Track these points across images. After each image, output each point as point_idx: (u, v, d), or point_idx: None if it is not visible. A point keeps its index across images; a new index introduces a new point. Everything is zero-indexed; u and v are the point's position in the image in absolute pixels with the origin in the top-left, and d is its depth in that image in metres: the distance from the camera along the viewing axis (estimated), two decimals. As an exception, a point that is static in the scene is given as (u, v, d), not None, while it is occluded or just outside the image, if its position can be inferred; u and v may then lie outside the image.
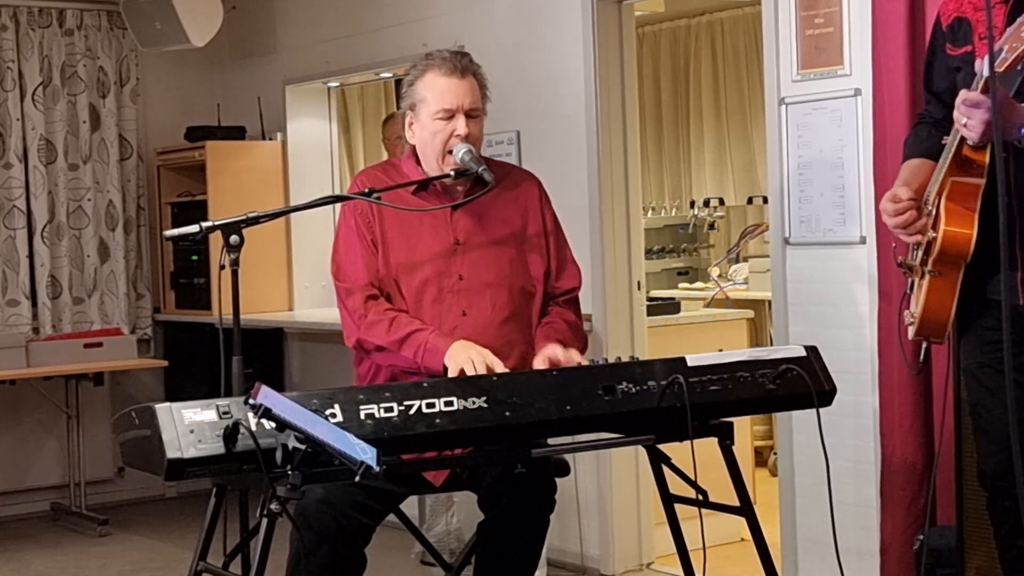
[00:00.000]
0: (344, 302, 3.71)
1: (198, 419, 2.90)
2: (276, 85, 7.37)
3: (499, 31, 5.98)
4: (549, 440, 3.51)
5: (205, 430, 2.89)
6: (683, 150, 9.73)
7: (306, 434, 2.76)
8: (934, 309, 3.24)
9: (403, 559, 5.67)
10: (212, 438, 2.88)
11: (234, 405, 2.95)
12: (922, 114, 3.53)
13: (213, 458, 2.88)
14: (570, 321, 3.79)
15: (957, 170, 3.18)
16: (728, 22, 9.37)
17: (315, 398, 3.04)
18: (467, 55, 3.76)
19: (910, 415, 4.30)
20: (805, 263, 4.80)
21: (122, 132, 7.53)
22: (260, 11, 7.52)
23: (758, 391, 3.45)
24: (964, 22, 3.29)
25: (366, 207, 3.70)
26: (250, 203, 6.63)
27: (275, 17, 7.44)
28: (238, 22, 7.58)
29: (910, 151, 3.48)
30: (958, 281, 3.21)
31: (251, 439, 2.86)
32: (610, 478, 5.56)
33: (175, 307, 7.50)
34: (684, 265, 8.62)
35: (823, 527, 3.64)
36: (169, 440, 2.85)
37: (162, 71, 7.74)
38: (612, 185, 5.60)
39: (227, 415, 2.92)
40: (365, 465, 2.73)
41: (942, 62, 3.38)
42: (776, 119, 4.85)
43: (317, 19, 7.12)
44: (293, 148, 7.36)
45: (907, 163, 3.46)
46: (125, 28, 7.30)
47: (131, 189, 7.58)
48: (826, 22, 4.68)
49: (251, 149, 7.36)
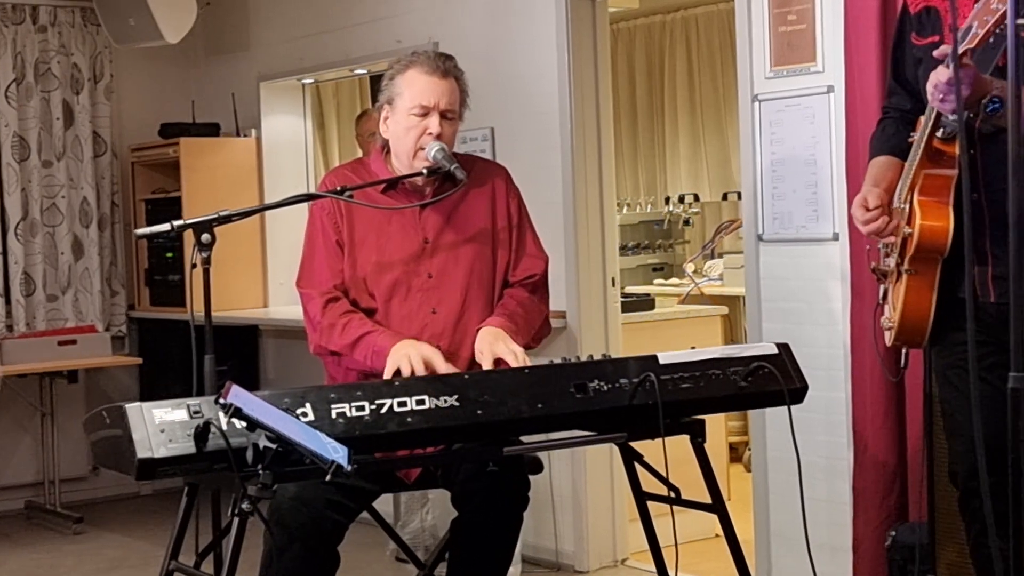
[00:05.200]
0: (305, 309, 3.73)
1: (169, 419, 2.89)
2: (250, 82, 7.36)
3: (473, 28, 5.98)
4: (522, 438, 3.52)
5: (176, 430, 2.88)
6: (658, 146, 9.74)
7: (277, 433, 2.76)
8: (913, 310, 3.22)
9: (379, 556, 5.67)
10: (183, 437, 2.88)
11: (205, 404, 2.94)
12: (887, 109, 3.51)
13: (184, 458, 2.87)
14: (521, 299, 3.78)
15: (928, 162, 3.17)
16: (703, 18, 9.38)
17: (286, 397, 3.04)
18: (452, 59, 3.78)
19: (882, 412, 4.31)
20: (778, 260, 4.81)
21: (96, 129, 7.50)
22: (234, 8, 7.50)
23: (730, 389, 3.45)
24: (932, 11, 3.27)
25: (333, 207, 3.71)
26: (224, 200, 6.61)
27: (249, 14, 7.42)
28: (212, 19, 7.57)
29: (877, 149, 3.47)
30: (936, 279, 3.19)
31: (222, 438, 2.85)
32: (584, 475, 5.57)
33: (150, 304, 7.48)
34: (659, 261, 8.64)
35: (796, 523, 3.66)
36: (140, 440, 2.84)
37: (136, 68, 7.71)
38: (586, 182, 5.61)
39: (198, 414, 2.91)
40: (336, 464, 2.73)
41: (910, 52, 3.36)
42: (749, 116, 4.86)
43: (291, 16, 7.11)
44: (267, 145, 7.35)
45: (874, 161, 3.45)
46: (99, 25, 7.26)
47: (105, 186, 7.55)
48: (799, 19, 4.69)
49: (225, 146, 7.34)
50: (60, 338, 6.91)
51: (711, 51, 9.34)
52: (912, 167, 3.19)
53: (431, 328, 3.68)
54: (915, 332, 3.25)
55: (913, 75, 3.33)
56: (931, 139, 3.13)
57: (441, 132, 3.67)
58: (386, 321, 3.69)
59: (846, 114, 4.45)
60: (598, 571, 5.62)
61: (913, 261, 3.17)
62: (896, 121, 3.42)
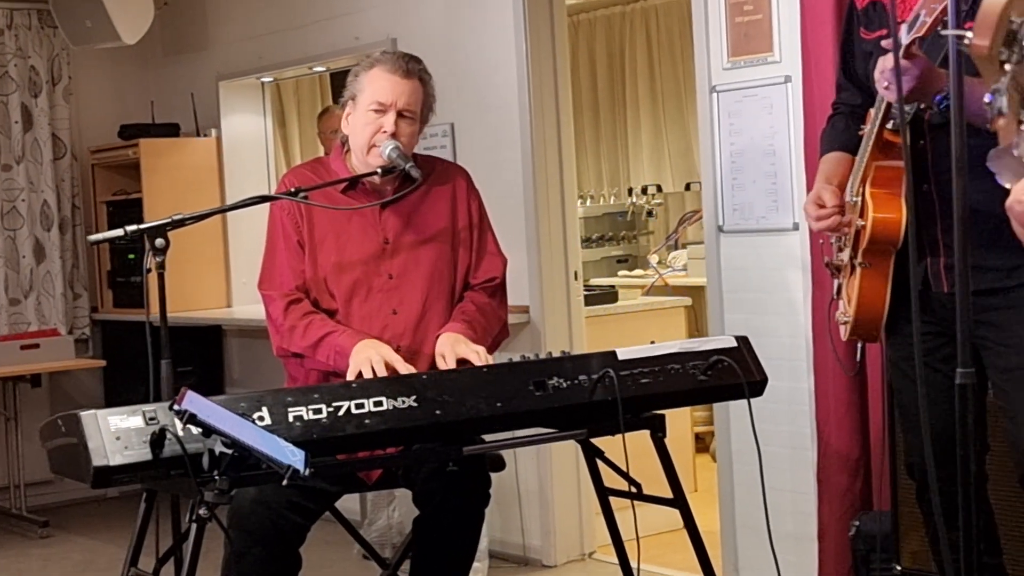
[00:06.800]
0: (267, 311, 3.72)
1: (124, 426, 2.87)
2: (210, 81, 7.32)
3: (431, 23, 5.96)
4: (483, 436, 3.51)
5: (132, 436, 2.86)
6: (620, 137, 9.75)
7: (232, 439, 2.74)
8: (868, 303, 3.21)
9: (346, 553, 5.66)
10: (139, 444, 2.86)
11: (161, 411, 2.92)
12: (837, 104, 3.51)
13: (140, 465, 2.85)
14: (480, 304, 3.78)
15: (880, 154, 3.16)
16: (662, 8, 9.39)
17: (243, 401, 3.03)
18: (419, 61, 3.78)
19: (845, 402, 4.32)
20: (739, 251, 4.81)
21: (55, 131, 7.45)
22: (192, 7, 7.46)
23: (689, 383, 3.46)
24: (879, 5, 3.27)
25: (294, 207, 3.70)
26: (185, 200, 6.63)
27: (207, 13, 7.39)
28: (170, 18, 7.52)
29: (828, 145, 3.47)
30: (890, 271, 3.19)
31: (178, 445, 2.84)
32: (550, 469, 5.57)
33: (113, 306, 7.44)
34: (623, 253, 8.63)
35: (761, 513, 3.66)
36: (95, 448, 2.82)
37: (94, 69, 7.67)
38: (547, 175, 5.60)
39: (154, 421, 2.89)
40: (292, 469, 2.72)
41: (858, 46, 3.37)
42: (707, 107, 4.86)
43: (249, 14, 7.08)
44: (228, 144, 7.31)
45: (825, 157, 3.45)
46: (56, 27, 7.21)
47: (66, 189, 7.51)
48: (755, 9, 4.69)
49: (185, 146, 7.30)
50: (23, 342, 6.86)
51: (671, 41, 9.34)
52: (863, 159, 3.19)
53: (392, 328, 3.68)
54: (870, 326, 3.25)
55: (863, 70, 3.33)
56: (882, 131, 3.13)
57: (397, 131, 3.66)
58: (346, 322, 3.68)
59: (804, 104, 4.45)
60: (565, 565, 5.62)
61: (866, 254, 3.17)
62: (846, 116, 3.43)
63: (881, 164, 3.15)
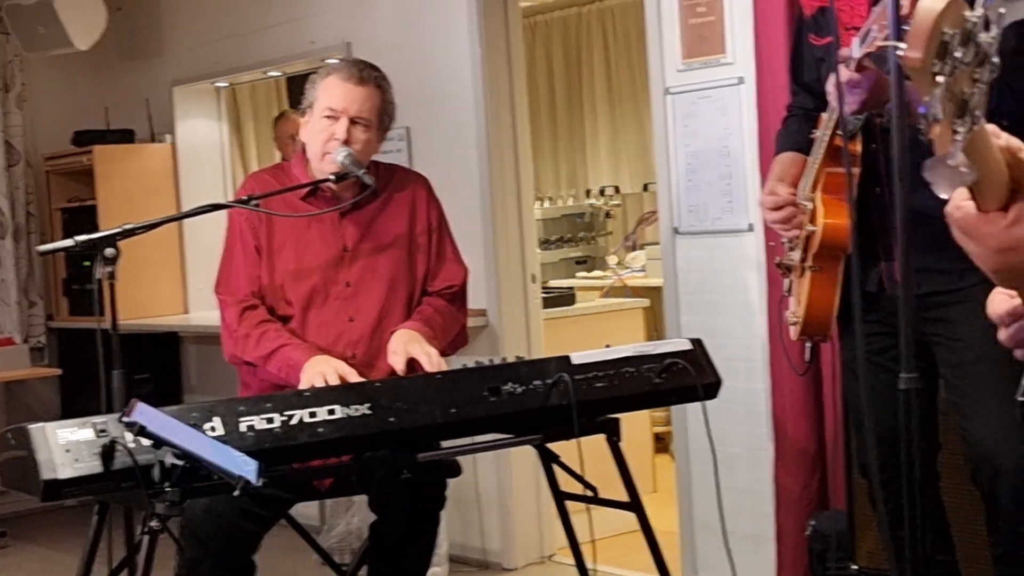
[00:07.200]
0: (222, 315, 3.71)
1: (74, 438, 2.84)
2: (164, 86, 7.27)
3: (386, 27, 5.95)
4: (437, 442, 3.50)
5: (82, 449, 2.84)
6: (578, 139, 9.75)
7: (183, 450, 2.72)
8: (817, 305, 3.24)
9: (304, 559, 5.62)
10: (89, 457, 2.83)
11: (111, 422, 2.89)
12: (791, 107, 3.54)
13: (91, 477, 2.83)
14: (438, 306, 3.78)
15: (831, 161, 3.19)
16: (618, 9, 9.40)
17: (195, 411, 3.01)
18: (376, 69, 3.77)
19: (801, 402, 4.34)
20: (695, 252, 4.82)
21: (8, 139, 7.39)
22: (145, 12, 7.42)
23: (644, 386, 3.46)
24: (828, 11, 3.30)
25: (253, 213, 3.69)
26: (141, 207, 6.59)
27: (161, 18, 7.34)
28: (123, 24, 7.46)
29: (781, 145, 3.50)
30: (839, 275, 3.22)
31: (129, 457, 2.81)
32: (510, 473, 5.56)
33: (68, 314, 7.39)
34: (582, 254, 8.64)
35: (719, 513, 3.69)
36: (44, 461, 2.80)
37: (48, 76, 7.61)
38: (503, 178, 5.59)
39: (104, 433, 2.87)
40: (244, 479, 2.70)
41: (808, 53, 3.39)
42: (662, 109, 4.86)
43: (203, 19, 7.04)
44: (183, 150, 7.27)
45: (778, 157, 3.47)
46: (8, 33, 7.15)
47: (20, 196, 7.44)
48: (708, 11, 4.70)
49: (140, 152, 7.25)
50: (-23, 352, 6.82)
51: (628, 42, 9.35)
52: (815, 164, 3.22)
53: (348, 336, 3.67)
54: (820, 326, 3.28)
55: (814, 75, 3.36)
56: (833, 137, 3.16)
57: (349, 138, 3.66)
58: (302, 329, 3.67)
59: (758, 105, 4.47)
60: (525, 568, 5.62)
61: (817, 258, 3.20)
62: (799, 119, 3.46)
63: (832, 171, 3.18)
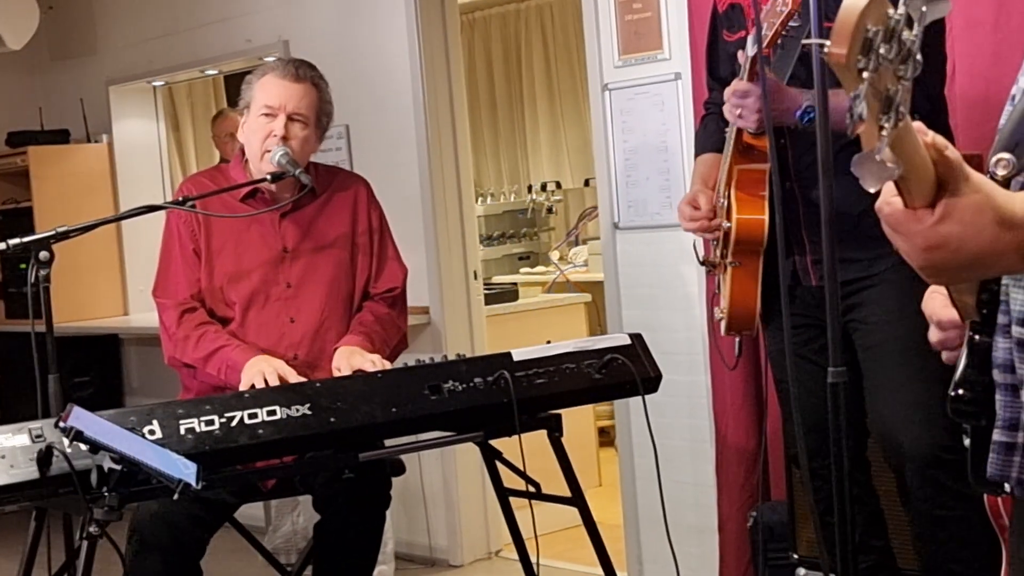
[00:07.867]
0: (161, 319, 3.69)
1: (9, 444, 2.82)
2: (99, 86, 7.20)
3: (323, 25, 5.92)
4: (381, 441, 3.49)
5: (17, 455, 2.81)
6: (519, 135, 9.76)
7: (120, 454, 2.70)
8: (740, 300, 3.29)
9: (250, 561, 5.59)
10: (25, 463, 2.81)
11: (48, 427, 2.88)
12: (708, 104, 3.58)
13: (27, 484, 2.80)
14: (379, 315, 3.78)
15: (740, 157, 3.23)
16: (556, 5, 9.41)
17: (133, 415, 2.98)
18: (312, 67, 3.77)
19: (741, 394, 4.35)
20: (635, 247, 4.83)
21: (-59, 141, 7.31)
22: (78, 11, 7.34)
23: (585, 382, 3.47)
24: (737, 7, 3.33)
25: (190, 215, 3.66)
26: (77, 208, 6.52)
27: (94, 17, 7.27)
28: (56, 23, 7.39)
29: (700, 146, 3.54)
30: (759, 269, 3.26)
31: (66, 462, 2.79)
32: (455, 469, 5.56)
33: (6, 317, 7.28)
34: (525, 250, 8.65)
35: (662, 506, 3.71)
36: (-21, 468, 2.77)
37: (-20, 76, 7.54)
38: (443, 175, 5.58)
39: (40, 439, 2.84)
40: (184, 482, 2.68)
41: (723, 49, 3.43)
42: (600, 105, 4.87)
43: (138, 17, 6.98)
44: (120, 150, 7.20)
45: (699, 159, 3.51)
46: (-61, 33, 7.08)
47: (-46, 199, 7.37)
48: (644, 7, 4.71)
49: (76, 153, 7.18)
50: (-88, 357, 6.73)
51: (567, 37, 9.36)
52: (726, 161, 3.26)
53: (289, 337, 3.67)
54: (745, 321, 3.33)
55: (729, 71, 3.39)
56: (740, 134, 3.19)
57: (287, 134, 3.65)
58: (243, 330, 3.65)
59: (694, 101, 4.48)
60: (472, 564, 5.62)
61: (736, 254, 3.25)
62: (716, 117, 3.48)
63: (743, 168, 3.22)
